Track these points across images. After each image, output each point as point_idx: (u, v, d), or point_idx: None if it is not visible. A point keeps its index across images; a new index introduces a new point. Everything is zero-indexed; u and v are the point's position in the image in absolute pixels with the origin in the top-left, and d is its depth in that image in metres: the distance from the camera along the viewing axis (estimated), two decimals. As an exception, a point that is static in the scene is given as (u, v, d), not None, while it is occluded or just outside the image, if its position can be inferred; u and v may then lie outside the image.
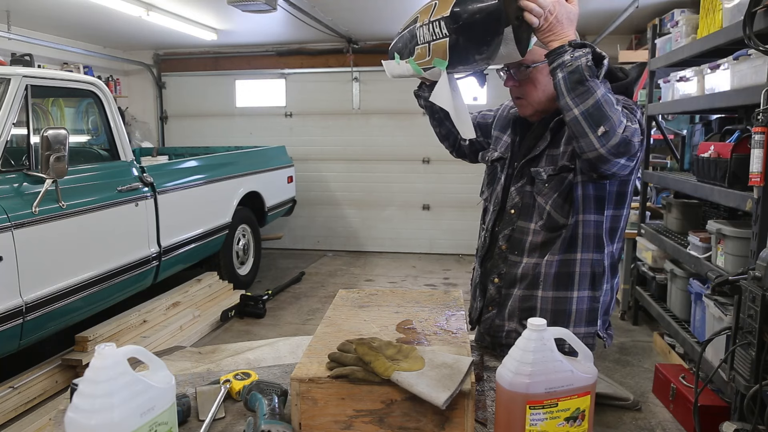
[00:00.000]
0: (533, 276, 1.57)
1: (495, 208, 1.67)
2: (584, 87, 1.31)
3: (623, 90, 1.53)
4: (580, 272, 1.58)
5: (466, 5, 1.31)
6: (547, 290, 1.56)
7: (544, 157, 1.57)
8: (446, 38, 1.35)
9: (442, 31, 1.36)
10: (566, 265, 1.57)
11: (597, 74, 1.33)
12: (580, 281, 1.59)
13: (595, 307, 1.62)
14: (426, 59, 1.44)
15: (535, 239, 1.57)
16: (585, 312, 1.61)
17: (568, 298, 1.59)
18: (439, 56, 1.40)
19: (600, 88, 1.32)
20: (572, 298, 1.59)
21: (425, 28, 1.42)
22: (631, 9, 4.39)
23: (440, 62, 1.40)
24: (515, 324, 1.61)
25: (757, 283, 2.00)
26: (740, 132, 2.86)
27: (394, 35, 1.70)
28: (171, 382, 1.06)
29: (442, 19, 1.35)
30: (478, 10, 1.30)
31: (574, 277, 1.58)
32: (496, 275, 1.64)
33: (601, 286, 1.61)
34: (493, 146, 1.79)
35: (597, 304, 1.62)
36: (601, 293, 1.62)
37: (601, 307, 1.64)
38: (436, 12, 1.38)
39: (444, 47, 1.36)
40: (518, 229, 1.59)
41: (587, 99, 1.31)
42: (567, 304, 1.58)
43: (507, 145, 1.72)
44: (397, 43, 1.61)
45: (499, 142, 1.76)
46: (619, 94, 1.48)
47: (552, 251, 1.55)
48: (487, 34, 1.32)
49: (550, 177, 1.54)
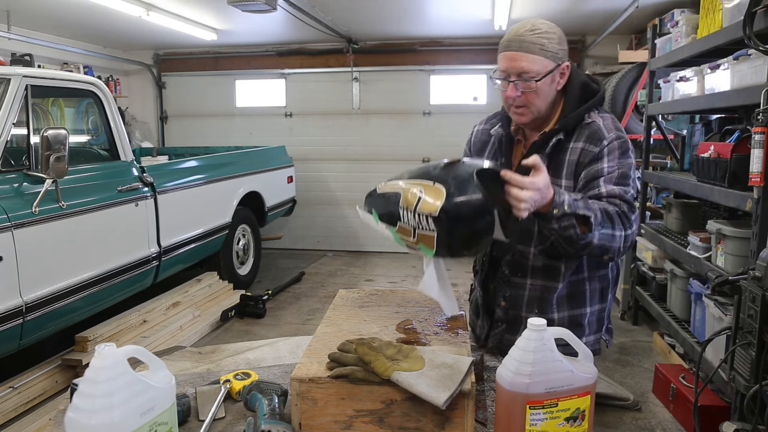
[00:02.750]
0: (545, 301, 1.57)
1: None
2: (579, 245, 1.38)
3: (600, 101, 1.58)
4: (590, 289, 1.61)
5: (454, 208, 1.25)
6: (562, 312, 1.58)
7: None
8: (433, 233, 1.29)
9: (429, 226, 1.29)
10: (576, 285, 1.58)
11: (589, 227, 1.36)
12: (591, 298, 1.62)
13: (603, 315, 1.66)
14: (410, 240, 1.37)
15: (535, 263, 1.57)
16: (595, 322, 1.64)
17: (581, 314, 1.61)
18: (425, 244, 1.33)
19: (594, 236, 1.37)
20: (585, 314, 1.62)
21: (410, 214, 1.34)
22: (631, 9, 4.39)
23: (427, 250, 1.34)
24: None
25: (757, 283, 2.00)
26: (740, 132, 2.86)
27: (394, 35, 1.69)
28: (171, 382, 1.06)
29: (429, 216, 1.28)
30: (467, 215, 1.25)
31: (585, 294, 1.61)
32: (501, 298, 1.64)
33: (608, 296, 1.66)
34: None
35: (604, 312, 1.66)
36: (609, 302, 1.66)
37: (607, 312, 1.68)
38: (422, 205, 1.30)
39: (431, 240, 1.30)
40: (518, 253, 1.59)
41: (584, 249, 1.40)
42: (581, 320, 1.61)
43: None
44: (377, 199, 1.52)
45: None
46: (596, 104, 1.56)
47: (559, 278, 1.56)
48: (476, 235, 1.31)
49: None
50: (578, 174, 1.52)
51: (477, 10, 5.00)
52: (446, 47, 6.48)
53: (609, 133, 1.51)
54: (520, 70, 1.49)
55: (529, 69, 1.48)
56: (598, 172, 1.49)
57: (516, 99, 1.53)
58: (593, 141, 1.51)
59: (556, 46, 1.50)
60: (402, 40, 6.40)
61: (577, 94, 1.56)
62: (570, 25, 5.72)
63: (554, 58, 1.49)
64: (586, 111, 1.55)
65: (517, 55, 1.48)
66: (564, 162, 1.54)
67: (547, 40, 1.48)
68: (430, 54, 6.51)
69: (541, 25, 1.50)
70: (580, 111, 1.54)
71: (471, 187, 1.26)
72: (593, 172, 1.50)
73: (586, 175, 1.51)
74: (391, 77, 6.67)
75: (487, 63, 6.38)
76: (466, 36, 6.21)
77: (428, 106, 6.66)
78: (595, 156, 1.50)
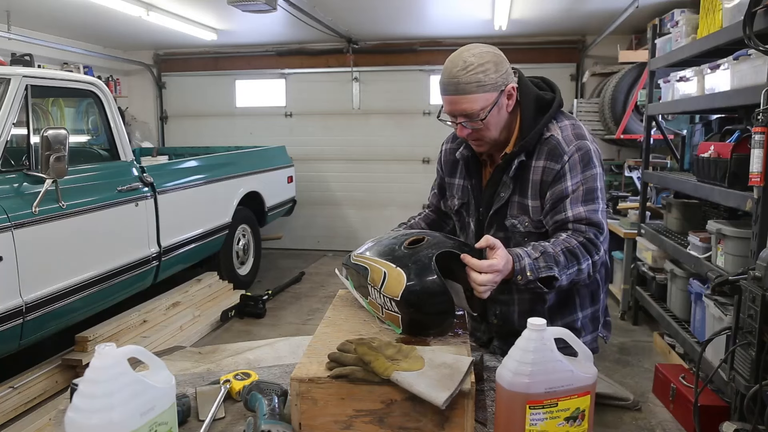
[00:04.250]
0: (536, 312, 1.55)
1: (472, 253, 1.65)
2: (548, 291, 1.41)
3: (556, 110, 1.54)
4: (580, 296, 1.60)
5: (413, 295, 1.29)
6: (555, 321, 1.56)
7: (513, 204, 1.56)
8: (398, 314, 1.33)
9: (394, 309, 1.33)
10: (565, 293, 1.58)
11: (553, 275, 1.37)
12: (581, 303, 1.61)
13: (597, 316, 1.65)
14: (379, 315, 1.41)
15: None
16: (589, 323, 1.64)
17: (574, 320, 1.61)
18: (392, 322, 1.37)
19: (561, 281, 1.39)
20: (578, 319, 1.61)
21: (377, 293, 1.38)
22: (631, 9, 4.39)
23: (395, 327, 1.37)
24: None
25: (757, 283, 2.00)
26: (740, 132, 2.86)
27: (394, 35, 1.69)
28: (171, 382, 1.06)
29: (392, 299, 1.32)
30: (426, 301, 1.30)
31: (575, 301, 1.60)
32: (493, 315, 1.64)
33: (599, 297, 1.64)
34: (450, 192, 1.76)
35: (598, 312, 1.65)
36: (601, 301, 1.65)
37: (601, 312, 1.67)
38: (385, 288, 1.34)
39: (397, 320, 1.35)
40: None
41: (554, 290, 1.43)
42: (574, 324, 1.61)
43: (463, 188, 1.70)
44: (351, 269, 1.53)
45: (454, 187, 1.73)
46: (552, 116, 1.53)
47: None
48: (437, 318, 1.34)
49: (530, 233, 1.54)
50: (544, 192, 1.51)
51: (477, 10, 5.00)
52: (446, 47, 6.47)
53: (569, 146, 1.49)
54: (463, 112, 1.46)
55: (471, 109, 1.45)
56: (563, 192, 1.48)
57: (468, 135, 1.52)
58: (553, 158, 1.49)
59: (493, 75, 1.44)
60: (402, 40, 6.40)
61: (532, 111, 1.53)
62: (570, 25, 5.72)
63: (495, 88, 1.45)
64: (543, 127, 1.52)
65: (455, 99, 1.45)
66: (528, 181, 1.53)
67: (483, 73, 1.43)
68: (430, 54, 6.51)
69: (471, 59, 1.43)
70: (537, 129, 1.51)
71: (430, 273, 1.30)
72: (558, 192, 1.48)
73: (551, 196, 1.49)
74: (391, 77, 6.67)
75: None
76: (466, 36, 6.20)
77: (428, 106, 6.66)
78: (557, 174, 1.48)
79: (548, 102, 1.55)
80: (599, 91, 5.84)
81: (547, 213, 1.51)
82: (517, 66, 1.59)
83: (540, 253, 1.39)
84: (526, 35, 6.14)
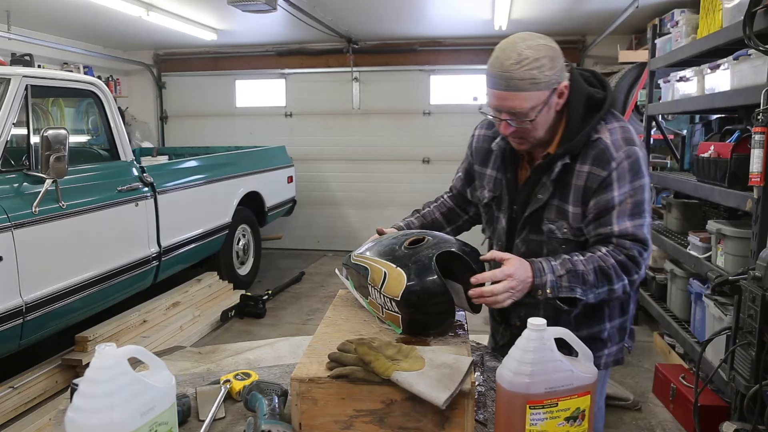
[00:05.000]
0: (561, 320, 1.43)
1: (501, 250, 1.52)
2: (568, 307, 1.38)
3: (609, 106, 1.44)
4: (609, 306, 1.52)
5: (413, 295, 1.28)
6: (581, 330, 1.43)
7: (551, 208, 1.46)
8: (398, 314, 1.33)
9: (394, 308, 1.32)
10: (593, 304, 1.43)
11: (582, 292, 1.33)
12: (610, 314, 1.53)
13: (625, 326, 1.58)
14: (379, 315, 1.40)
15: None
16: (617, 334, 1.56)
17: (601, 330, 1.53)
18: (392, 322, 1.36)
19: (588, 298, 1.35)
20: (605, 329, 1.54)
21: (377, 293, 1.36)
22: (631, 9, 4.39)
23: (395, 327, 1.37)
24: None
25: (757, 283, 2.00)
26: (740, 132, 2.86)
27: (394, 35, 1.68)
28: (171, 382, 1.06)
29: (392, 299, 1.31)
30: (426, 301, 1.29)
31: (603, 311, 1.52)
32: (516, 318, 1.56)
33: (629, 307, 1.57)
34: (480, 182, 1.65)
35: (626, 323, 1.58)
36: (630, 311, 1.58)
37: (629, 322, 1.60)
38: (385, 288, 1.33)
39: (397, 319, 1.34)
40: None
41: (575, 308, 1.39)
42: (601, 335, 1.53)
43: (495, 180, 1.59)
44: (351, 269, 1.51)
45: (485, 177, 1.63)
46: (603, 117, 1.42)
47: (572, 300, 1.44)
48: (436, 318, 1.33)
49: (568, 240, 1.45)
50: (587, 199, 1.41)
51: (477, 10, 5.00)
52: (446, 47, 6.48)
53: (617, 152, 1.38)
54: (512, 109, 1.35)
55: (521, 107, 1.33)
56: (609, 203, 1.37)
57: (512, 133, 1.41)
58: (600, 163, 1.38)
59: (548, 72, 1.32)
60: (402, 40, 6.40)
61: (581, 111, 1.41)
62: (570, 25, 5.72)
63: (548, 86, 1.34)
64: (592, 129, 1.41)
65: (505, 95, 1.33)
66: (570, 186, 1.42)
67: (537, 69, 1.31)
68: (430, 54, 6.51)
69: (527, 51, 1.31)
70: (586, 131, 1.40)
71: (430, 273, 1.30)
72: (603, 202, 1.38)
73: (596, 206, 1.39)
74: (391, 77, 6.67)
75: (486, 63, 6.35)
76: (466, 36, 6.21)
77: (428, 106, 6.66)
78: (603, 181, 1.38)
79: (599, 101, 1.43)
80: (599, 91, 5.83)
81: (589, 223, 1.41)
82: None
83: (566, 271, 1.33)
84: (526, 35, 6.13)
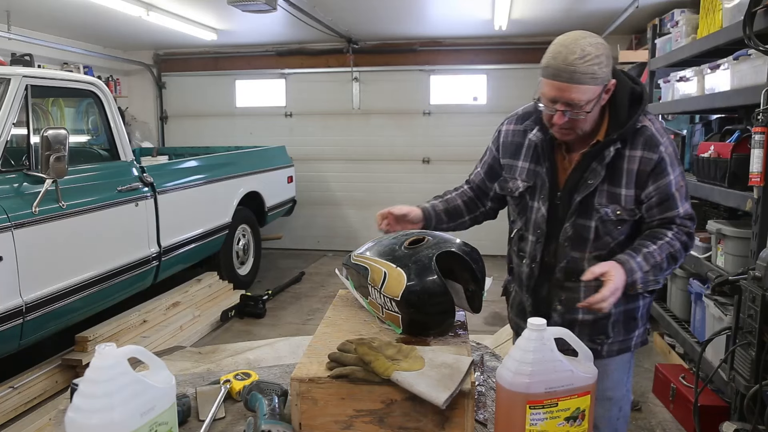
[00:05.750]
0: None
1: (538, 238, 1.63)
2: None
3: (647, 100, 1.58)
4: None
5: (413, 295, 1.30)
6: (618, 307, 1.57)
7: (602, 193, 1.55)
8: (398, 315, 1.34)
9: (394, 308, 1.34)
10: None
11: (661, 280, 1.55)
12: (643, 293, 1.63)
13: (648, 308, 1.69)
14: (379, 315, 1.42)
15: (591, 266, 1.53)
16: (645, 314, 1.68)
17: (635, 308, 1.63)
18: (392, 322, 1.38)
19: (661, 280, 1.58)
20: (639, 307, 1.64)
21: (377, 293, 1.38)
22: (631, 9, 4.39)
23: (395, 327, 1.37)
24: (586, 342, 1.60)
25: (757, 283, 2.00)
26: (740, 132, 2.86)
27: (394, 35, 1.69)
28: (171, 382, 1.06)
29: (392, 299, 1.32)
30: (426, 301, 1.30)
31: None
32: (557, 302, 1.63)
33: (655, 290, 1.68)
34: (510, 174, 1.71)
35: (650, 304, 1.70)
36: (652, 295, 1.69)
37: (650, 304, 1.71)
38: (385, 288, 1.34)
39: (397, 320, 1.35)
40: (572, 260, 1.59)
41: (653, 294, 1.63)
42: (635, 313, 1.63)
43: (529, 171, 1.66)
44: (351, 269, 1.54)
45: (516, 169, 1.69)
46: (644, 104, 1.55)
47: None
48: (437, 317, 1.34)
49: (622, 221, 1.55)
50: (641, 182, 1.53)
51: (477, 10, 5.00)
52: (446, 47, 6.48)
53: (662, 138, 1.53)
54: (570, 101, 1.44)
55: (579, 99, 1.43)
56: (668, 187, 1.52)
57: (563, 123, 1.50)
58: (650, 147, 1.52)
59: (605, 69, 1.44)
60: (402, 40, 6.40)
61: (627, 101, 1.54)
62: (570, 25, 5.69)
63: (603, 81, 1.45)
64: (638, 117, 1.53)
65: (566, 86, 1.42)
66: (622, 170, 1.54)
67: (598, 66, 1.41)
68: (430, 54, 6.51)
69: (589, 48, 1.41)
70: (635, 118, 1.53)
71: (430, 273, 1.30)
72: (664, 187, 1.52)
73: (657, 191, 1.53)
74: (391, 77, 6.67)
75: (487, 63, 6.37)
76: (466, 36, 6.20)
77: (428, 106, 6.66)
78: (657, 165, 1.51)
79: (639, 95, 1.56)
80: (599, 91, 5.83)
81: (652, 207, 1.54)
82: (518, 66, 1.59)
83: (650, 266, 1.47)
84: (526, 35, 6.13)
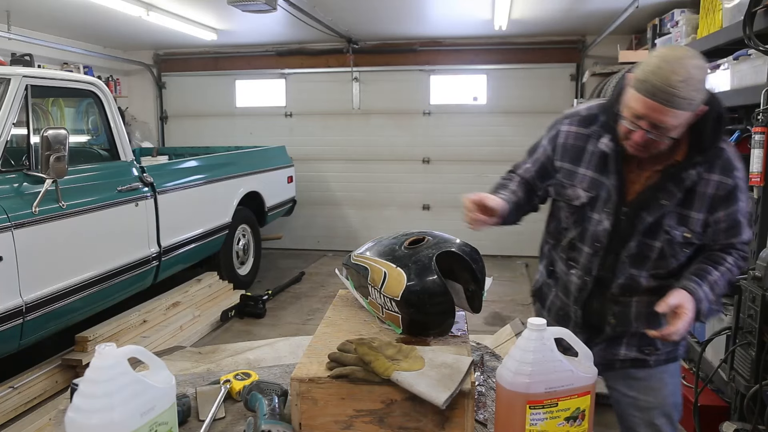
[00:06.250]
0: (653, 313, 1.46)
1: (596, 251, 1.57)
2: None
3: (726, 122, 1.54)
4: None
5: (413, 295, 1.29)
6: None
7: (672, 215, 1.49)
8: (398, 315, 1.34)
9: (394, 309, 1.34)
10: None
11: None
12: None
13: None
14: (380, 315, 1.42)
15: (648, 284, 1.54)
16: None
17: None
18: (392, 322, 1.38)
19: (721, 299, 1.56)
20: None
21: (377, 293, 1.38)
22: (631, 9, 4.38)
23: (395, 327, 1.38)
24: (635, 353, 1.61)
25: (757, 283, 2.00)
26: (740, 132, 2.85)
27: (394, 35, 1.68)
28: (171, 382, 1.06)
29: (392, 299, 1.32)
30: (426, 301, 1.30)
31: None
32: (610, 315, 1.60)
33: None
34: (568, 180, 1.61)
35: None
36: None
37: None
38: (385, 288, 1.34)
39: (397, 320, 1.35)
40: (631, 276, 1.56)
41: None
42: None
43: (592, 181, 1.57)
44: (351, 269, 1.54)
45: (576, 176, 1.59)
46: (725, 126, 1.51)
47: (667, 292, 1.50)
48: (437, 318, 1.34)
49: (689, 244, 1.51)
50: (713, 207, 1.48)
51: (477, 10, 5.00)
52: (446, 47, 6.48)
53: (737, 163, 1.48)
54: (661, 123, 1.34)
55: (670, 124, 1.34)
56: (737, 213, 1.49)
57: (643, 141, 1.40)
58: (726, 172, 1.47)
59: (701, 96, 1.35)
60: (402, 40, 6.39)
61: (713, 126, 1.46)
62: (570, 25, 5.72)
63: (696, 107, 1.35)
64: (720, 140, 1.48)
65: (660, 108, 1.32)
66: (695, 193, 1.48)
67: (696, 91, 1.32)
68: (430, 54, 6.51)
69: (694, 71, 1.32)
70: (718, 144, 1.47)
71: (430, 273, 1.30)
72: (733, 213, 1.49)
73: (727, 217, 1.48)
74: (391, 77, 6.67)
75: (486, 63, 6.37)
76: (466, 36, 6.21)
77: (428, 106, 6.66)
78: (730, 191, 1.47)
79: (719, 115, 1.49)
80: (599, 91, 5.83)
81: (719, 232, 1.50)
82: (518, 66, 1.57)
83: (716, 296, 1.46)
84: (526, 35, 6.14)
